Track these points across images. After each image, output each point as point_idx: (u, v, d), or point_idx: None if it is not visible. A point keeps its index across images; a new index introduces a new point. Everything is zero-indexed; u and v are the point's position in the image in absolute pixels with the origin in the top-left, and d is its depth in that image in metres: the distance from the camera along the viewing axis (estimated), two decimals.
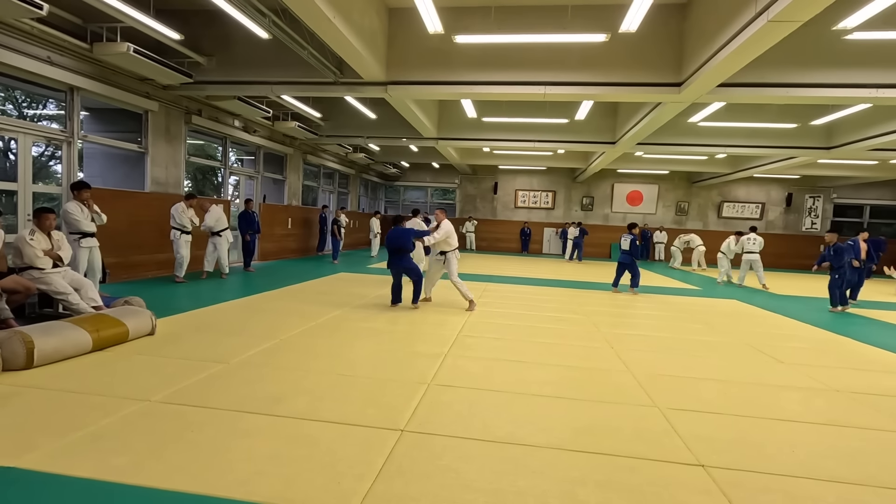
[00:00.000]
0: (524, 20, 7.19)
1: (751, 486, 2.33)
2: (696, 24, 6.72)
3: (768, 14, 4.72)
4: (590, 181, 20.47)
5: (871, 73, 6.84)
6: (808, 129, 11.31)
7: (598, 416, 3.15)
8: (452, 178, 21.61)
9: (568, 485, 2.27)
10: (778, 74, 6.98)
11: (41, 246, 4.62)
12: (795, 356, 4.99)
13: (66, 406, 2.88)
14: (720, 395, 3.69)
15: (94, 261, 5.91)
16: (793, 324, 6.94)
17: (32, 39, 6.17)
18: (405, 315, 6.10)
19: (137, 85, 7.95)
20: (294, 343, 4.52)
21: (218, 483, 2.14)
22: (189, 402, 3.01)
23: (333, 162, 16.26)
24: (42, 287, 4.55)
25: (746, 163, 15.54)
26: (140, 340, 4.31)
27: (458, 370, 3.97)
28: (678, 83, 7.21)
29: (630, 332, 5.73)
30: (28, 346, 3.41)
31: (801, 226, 19.58)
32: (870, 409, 3.53)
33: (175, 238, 7.87)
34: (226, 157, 10.89)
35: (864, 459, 2.70)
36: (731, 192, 19.94)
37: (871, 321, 7.53)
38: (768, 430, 3.06)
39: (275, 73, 8.22)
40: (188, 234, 7.97)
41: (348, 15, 6.04)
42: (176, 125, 8.98)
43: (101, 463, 2.25)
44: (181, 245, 7.88)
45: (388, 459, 2.42)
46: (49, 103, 14.06)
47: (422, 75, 7.78)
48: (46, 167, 15.25)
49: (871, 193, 19.15)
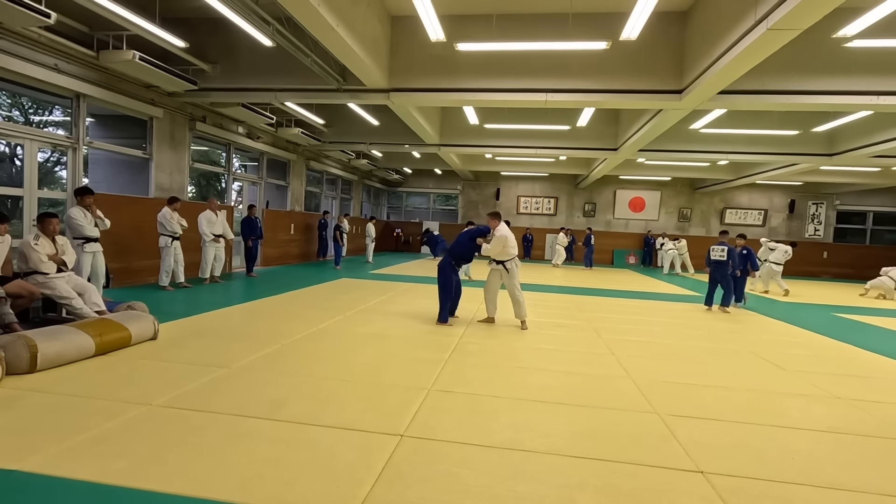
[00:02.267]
0: (526, 28, 7.25)
1: (750, 493, 2.33)
2: (696, 32, 6.77)
3: (768, 22, 4.76)
4: (592, 187, 20.50)
5: (872, 80, 6.86)
6: (809, 136, 11.32)
7: (597, 421, 3.15)
8: (455, 185, 21.68)
9: (567, 490, 2.27)
10: (779, 82, 7.01)
11: (45, 251, 4.66)
12: (797, 363, 4.98)
13: (68, 410, 2.90)
14: (720, 401, 3.69)
15: (98, 266, 5.96)
16: (794, 330, 6.91)
17: (40, 47, 6.26)
18: (406, 321, 6.11)
19: (143, 92, 8.04)
20: (295, 348, 4.54)
21: (218, 486, 2.15)
22: (191, 406, 3.03)
23: (336, 168, 16.34)
24: (46, 291, 4.58)
25: (748, 169, 15.54)
26: (143, 345, 4.33)
27: (459, 376, 3.98)
28: (679, 90, 7.25)
29: (631, 339, 5.72)
30: (32, 350, 3.44)
31: (804, 232, 19.54)
32: (870, 417, 3.51)
33: (166, 245, 7.59)
34: (229, 164, 10.97)
35: (865, 467, 2.70)
36: (733, 199, 19.92)
37: (873, 328, 7.50)
38: (768, 436, 3.06)
39: (278, 81, 8.30)
40: (178, 239, 7.73)
41: (351, 23, 6.11)
42: (180, 131, 9.06)
43: (103, 466, 2.27)
44: (169, 252, 7.61)
45: (387, 464, 2.43)
46: (55, 110, 14.19)
47: (424, 82, 7.84)
48: (52, 173, 15.36)
49: (875, 200, 19.11)
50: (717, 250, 8.27)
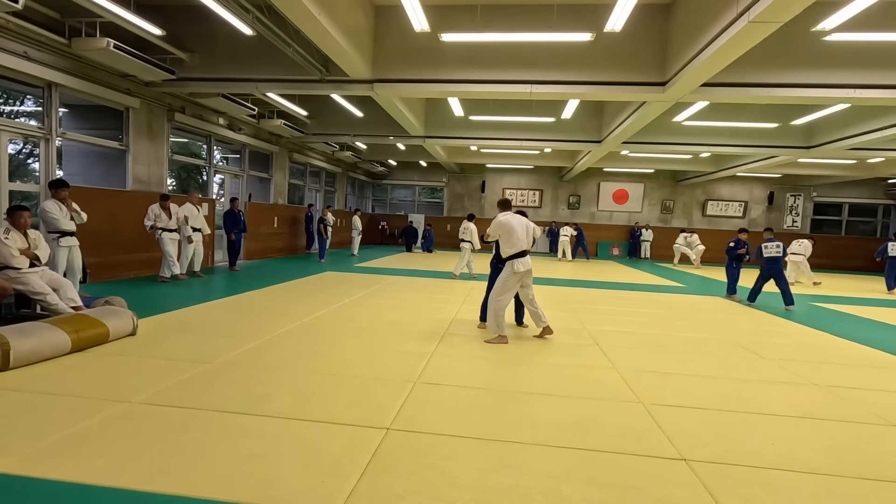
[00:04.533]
0: (510, 19, 7.20)
1: (731, 479, 2.37)
2: (679, 24, 6.80)
3: (749, 14, 4.80)
4: (576, 180, 20.61)
5: (850, 73, 6.98)
6: (788, 129, 11.52)
7: (582, 412, 3.17)
8: (440, 177, 21.60)
9: (552, 481, 2.28)
10: (759, 74, 7.10)
11: (17, 245, 4.51)
12: (777, 352, 5.09)
13: (43, 408, 2.81)
14: (703, 390, 3.74)
15: (74, 260, 5.80)
16: (775, 320, 7.06)
17: (8, 34, 6.02)
18: (391, 314, 6.08)
19: (118, 81, 7.81)
20: (279, 342, 4.48)
21: (200, 484, 2.11)
22: (171, 402, 2.96)
23: (320, 160, 16.14)
24: (19, 287, 4.44)
25: (729, 162, 15.78)
26: (121, 341, 4.23)
27: (445, 368, 3.97)
28: (663, 82, 7.29)
29: (615, 329, 5.78)
30: (4, 348, 3.32)
31: (783, 224, 19.94)
32: (847, 403, 3.60)
33: (160, 238, 7.74)
34: (210, 156, 10.75)
35: (842, 451, 2.76)
36: (715, 191, 20.23)
37: (849, 316, 7.70)
38: (749, 424, 3.11)
39: (260, 71, 8.13)
40: (171, 231, 7.85)
41: (333, 12, 6.00)
42: (158, 122, 8.83)
43: (81, 465, 2.21)
44: (166, 244, 7.76)
45: (373, 458, 2.41)
46: (27, 99, 13.73)
47: (408, 73, 7.76)
48: (24, 165, 14.89)
49: (850, 192, 19.58)
50: (770, 247, 8.13)
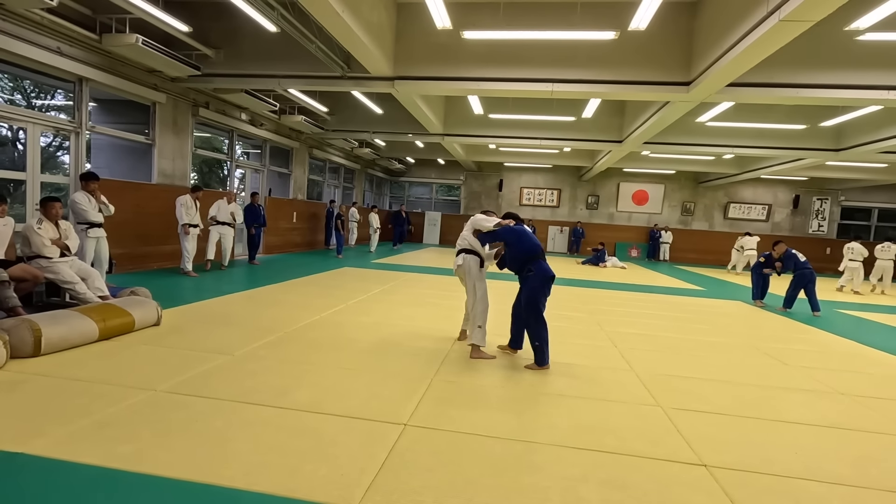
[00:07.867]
0: (533, 17, 7.15)
1: (754, 487, 2.33)
2: (706, 23, 6.67)
3: (780, 13, 4.68)
4: (595, 180, 20.40)
5: (884, 74, 6.77)
6: (817, 131, 11.22)
7: (600, 414, 3.15)
8: (457, 175, 21.58)
9: (570, 482, 2.27)
10: (788, 75, 6.93)
11: (49, 235, 4.65)
12: (801, 359, 4.97)
13: (72, 394, 2.90)
14: (723, 395, 3.68)
15: (101, 251, 5.95)
16: (800, 326, 6.90)
17: (43, 30, 6.20)
18: (409, 310, 6.11)
19: (146, 77, 7.98)
20: (298, 336, 4.54)
21: (222, 473, 2.15)
22: (194, 392, 3.03)
23: (339, 156, 16.27)
24: (50, 276, 4.58)
25: (754, 164, 15.43)
26: (145, 330, 4.34)
27: (462, 366, 3.98)
28: (687, 82, 7.17)
29: (634, 332, 5.71)
30: (36, 335, 3.44)
31: (808, 228, 19.46)
32: (874, 413, 3.51)
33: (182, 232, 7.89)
34: (232, 150, 10.92)
35: (868, 463, 2.69)
36: (737, 193, 19.81)
37: (875, 324, 7.48)
38: (771, 431, 3.05)
39: (282, 67, 8.22)
40: (195, 226, 8.01)
41: (357, 9, 6.03)
42: (183, 117, 9.00)
43: (107, 450, 2.27)
44: (185, 238, 7.87)
45: (390, 452, 2.43)
46: (58, 94, 14.12)
47: (429, 71, 7.76)
48: (54, 157, 15.33)
49: (880, 196, 18.98)
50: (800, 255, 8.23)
